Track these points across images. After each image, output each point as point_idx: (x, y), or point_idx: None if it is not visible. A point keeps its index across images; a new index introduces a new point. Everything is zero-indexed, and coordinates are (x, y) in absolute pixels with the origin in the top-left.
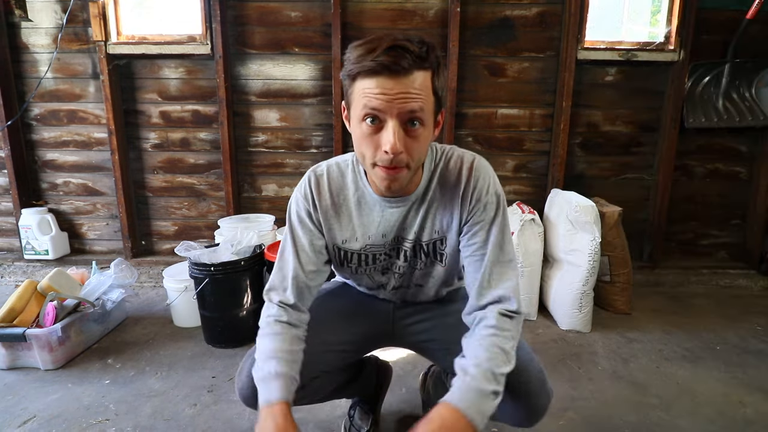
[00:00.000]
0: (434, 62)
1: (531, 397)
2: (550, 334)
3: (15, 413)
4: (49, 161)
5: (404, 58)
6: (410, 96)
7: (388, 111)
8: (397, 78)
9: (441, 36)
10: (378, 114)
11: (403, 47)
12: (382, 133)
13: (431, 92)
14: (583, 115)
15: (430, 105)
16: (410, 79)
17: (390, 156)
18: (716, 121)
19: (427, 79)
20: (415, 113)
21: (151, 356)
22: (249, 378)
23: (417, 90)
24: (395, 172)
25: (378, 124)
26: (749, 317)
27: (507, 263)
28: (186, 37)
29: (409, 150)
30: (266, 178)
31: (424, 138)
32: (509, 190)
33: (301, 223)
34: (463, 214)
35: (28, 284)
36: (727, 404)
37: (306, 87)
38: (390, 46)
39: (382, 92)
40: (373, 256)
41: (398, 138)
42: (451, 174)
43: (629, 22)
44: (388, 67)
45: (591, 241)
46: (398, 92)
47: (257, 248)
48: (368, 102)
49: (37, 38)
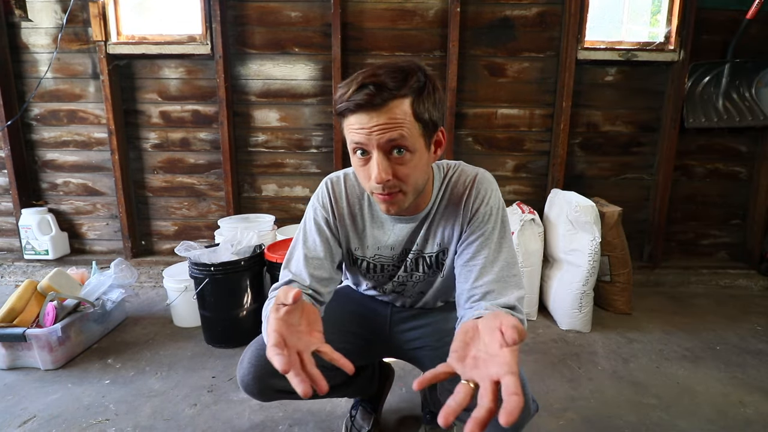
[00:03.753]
0: (412, 88)
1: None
2: (550, 334)
3: (15, 413)
4: (49, 161)
5: (376, 95)
6: (387, 126)
7: (370, 143)
8: (373, 112)
9: (441, 36)
10: (363, 147)
11: (375, 83)
12: (370, 164)
13: (413, 118)
14: (583, 115)
15: (413, 130)
16: (385, 110)
17: (379, 185)
18: (716, 121)
19: (405, 106)
20: (396, 141)
21: (151, 356)
22: (251, 365)
23: (393, 120)
24: (390, 198)
25: (366, 156)
26: (749, 317)
27: (509, 280)
28: (186, 37)
29: (399, 176)
30: (266, 178)
31: (415, 163)
32: (509, 190)
33: (318, 231)
34: (463, 225)
35: (28, 284)
36: (727, 404)
37: (306, 87)
38: (361, 84)
39: (360, 127)
40: (381, 266)
41: (382, 168)
42: (457, 189)
43: (629, 22)
44: (361, 105)
45: (591, 241)
46: (374, 125)
47: (257, 248)
48: (353, 137)
49: (37, 38)
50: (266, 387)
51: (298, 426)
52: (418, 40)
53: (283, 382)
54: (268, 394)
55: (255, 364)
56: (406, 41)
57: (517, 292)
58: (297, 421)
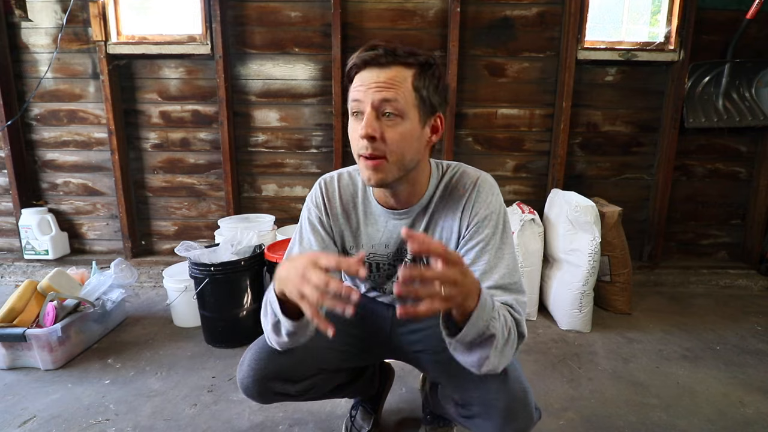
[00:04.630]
0: (418, 62)
1: (508, 416)
2: (550, 334)
3: (15, 413)
4: (49, 161)
5: (383, 55)
6: (383, 85)
7: (365, 99)
8: (376, 70)
9: (441, 36)
10: (359, 105)
11: (384, 47)
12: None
13: (411, 88)
14: (583, 115)
15: (409, 99)
16: (387, 71)
17: (365, 142)
18: (716, 121)
19: (406, 74)
20: (388, 102)
21: (151, 356)
22: (250, 368)
23: (392, 81)
24: (374, 163)
25: (360, 118)
26: (749, 317)
27: (510, 287)
28: (186, 37)
29: (385, 138)
30: (266, 178)
31: (403, 131)
32: (509, 190)
33: (313, 231)
34: (462, 228)
35: (28, 284)
36: (727, 404)
37: (306, 87)
38: (372, 45)
39: (361, 83)
40: (377, 265)
41: (369, 123)
42: (456, 189)
43: (629, 22)
44: (368, 61)
45: (591, 241)
46: (373, 82)
47: (257, 248)
48: (352, 96)
49: (37, 38)
50: (266, 389)
51: (298, 426)
52: (418, 40)
53: (283, 385)
54: (267, 396)
55: (255, 367)
56: (406, 41)
57: (517, 296)
58: (297, 421)
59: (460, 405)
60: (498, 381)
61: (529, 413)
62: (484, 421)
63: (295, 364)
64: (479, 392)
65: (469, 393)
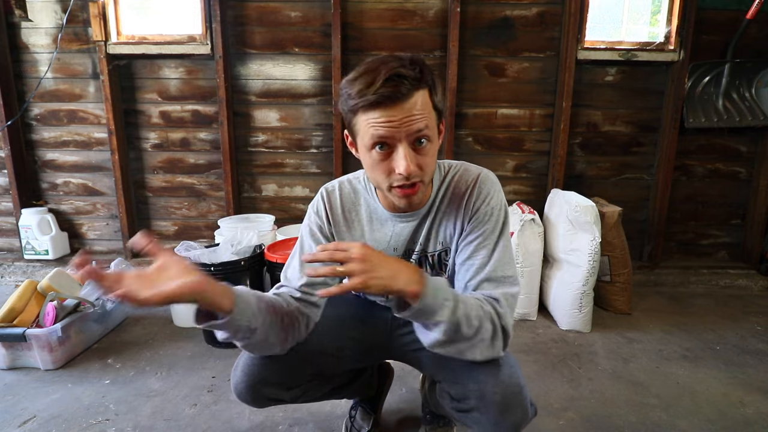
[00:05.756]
0: (429, 79)
1: (503, 410)
2: (550, 334)
3: (15, 413)
4: (49, 161)
5: (402, 85)
6: (414, 118)
7: (396, 136)
8: (400, 104)
9: (441, 36)
10: (386, 141)
11: (399, 75)
12: (393, 156)
13: (432, 108)
14: (583, 115)
15: (433, 121)
16: (411, 102)
17: (405, 177)
18: (716, 121)
19: (426, 96)
20: (422, 132)
21: (151, 356)
22: (243, 374)
23: (419, 111)
24: (413, 191)
25: (387, 150)
26: (749, 317)
27: (502, 279)
28: (186, 37)
29: (422, 167)
30: (266, 178)
31: (432, 152)
32: (509, 190)
33: (313, 238)
34: (464, 223)
35: (28, 284)
36: (727, 404)
37: (306, 87)
38: (388, 77)
39: (387, 120)
40: None
41: (410, 160)
42: (459, 187)
43: (629, 22)
44: (390, 97)
45: (591, 241)
46: (402, 117)
47: (257, 248)
48: (375, 131)
49: (37, 38)
50: (259, 395)
51: (298, 426)
52: (418, 40)
53: (276, 391)
54: (260, 401)
55: (248, 373)
56: (406, 41)
57: (506, 289)
58: (297, 421)
59: (456, 399)
60: (494, 376)
61: (524, 408)
62: (480, 414)
63: (289, 369)
64: (475, 386)
65: (465, 387)
